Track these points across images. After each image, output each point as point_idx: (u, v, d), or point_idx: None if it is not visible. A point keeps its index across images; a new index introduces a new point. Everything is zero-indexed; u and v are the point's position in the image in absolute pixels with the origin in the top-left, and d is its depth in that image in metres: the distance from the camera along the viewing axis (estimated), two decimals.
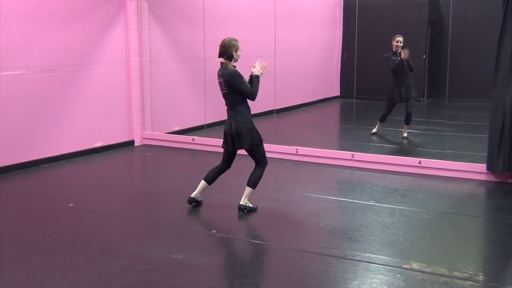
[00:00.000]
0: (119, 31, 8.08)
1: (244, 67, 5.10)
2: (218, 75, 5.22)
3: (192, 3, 9.25)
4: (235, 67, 5.20)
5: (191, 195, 5.47)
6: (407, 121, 8.84)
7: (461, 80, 11.22)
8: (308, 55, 12.55)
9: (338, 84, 13.68)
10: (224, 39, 5.21)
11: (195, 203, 5.49)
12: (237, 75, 5.11)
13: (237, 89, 5.12)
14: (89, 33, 7.61)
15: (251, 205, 5.36)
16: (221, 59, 5.22)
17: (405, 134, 8.93)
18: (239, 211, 5.31)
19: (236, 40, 5.21)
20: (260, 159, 5.33)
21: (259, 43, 10.38)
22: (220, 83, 5.19)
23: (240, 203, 5.33)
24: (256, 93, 5.20)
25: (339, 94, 13.68)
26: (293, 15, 11.63)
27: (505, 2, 6.06)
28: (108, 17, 7.89)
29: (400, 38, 8.56)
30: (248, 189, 5.31)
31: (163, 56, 8.88)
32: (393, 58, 8.53)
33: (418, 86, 12.47)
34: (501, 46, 6.13)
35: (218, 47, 5.22)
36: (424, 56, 12.45)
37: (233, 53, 5.15)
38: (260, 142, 5.28)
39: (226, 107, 5.31)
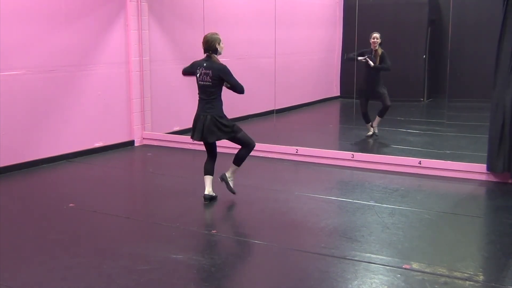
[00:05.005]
0: (119, 31, 8.07)
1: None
2: (203, 66, 5.39)
3: (192, 3, 9.24)
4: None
5: (205, 193, 5.56)
6: (381, 113, 8.66)
7: (461, 80, 11.22)
8: (308, 55, 12.55)
9: (338, 84, 13.68)
10: (206, 35, 5.46)
11: (212, 199, 5.60)
12: (227, 69, 5.36)
13: (228, 82, 5.36)
14: (89, 33, 7.61)
15: (230, 182, 5.58)
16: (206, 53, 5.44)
17: (375, 130, 8.77)
18: (220, 180, 5.58)
19: (217, 33, 5.46)
20: (245, 142, 5.52)
21: (259, 43, 10.38)
22: (205, 74, 5.36)
23: (225, 173, 5.58)
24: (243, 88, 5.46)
25: (339, 94, 13.68)
26: (293, 15, 11.63)
27: (505, 2, 6.06)
28: (108, 17, 7.89)
29: (377, 35, 8.31)
30: (233, 166, 5.58)
31: (163, 56, 8.87)
32: (367, 56, 8.33)
33: (418, 86, 12.52)
34: (501, 46, 6.13)
35: (202, 44, 5.45)
36: (424, 56, 12.45)
37: (216, 46, 5.39)
38: (237, 129, 5.48)
39: (198, 98, 5.52)
